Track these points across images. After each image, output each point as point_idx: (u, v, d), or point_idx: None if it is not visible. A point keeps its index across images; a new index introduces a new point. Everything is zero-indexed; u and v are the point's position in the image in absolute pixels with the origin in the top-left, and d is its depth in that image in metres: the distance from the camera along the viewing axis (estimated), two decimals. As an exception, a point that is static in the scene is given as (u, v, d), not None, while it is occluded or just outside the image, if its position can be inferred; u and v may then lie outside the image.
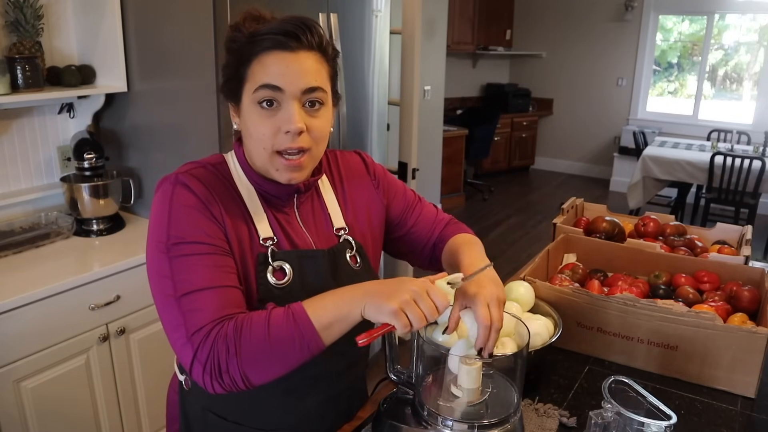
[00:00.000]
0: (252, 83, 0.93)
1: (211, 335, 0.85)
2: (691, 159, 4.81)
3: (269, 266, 0.97)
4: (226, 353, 0.84)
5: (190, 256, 0.89)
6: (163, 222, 0.91)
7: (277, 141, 0.93)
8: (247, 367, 0.85)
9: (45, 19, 2.05)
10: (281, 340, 0.85)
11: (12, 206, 2.10)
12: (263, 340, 0.84)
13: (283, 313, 0.86)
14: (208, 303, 0.87)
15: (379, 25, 2.54)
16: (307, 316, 0.85)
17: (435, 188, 5.40)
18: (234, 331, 0.85)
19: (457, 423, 0.92)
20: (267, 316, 0.87)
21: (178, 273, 0.89)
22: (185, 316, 0.87)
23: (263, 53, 0.92)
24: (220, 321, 0.87)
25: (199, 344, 0.85)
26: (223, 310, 0.88)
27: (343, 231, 1.09)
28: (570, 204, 1.97)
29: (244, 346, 0.84)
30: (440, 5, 4.86)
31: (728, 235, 1.82)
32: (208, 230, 0.92)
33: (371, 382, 1.29)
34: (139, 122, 2.21)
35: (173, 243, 0.90)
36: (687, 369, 1.27)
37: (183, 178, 0.94)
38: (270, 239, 0.98)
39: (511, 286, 1.33)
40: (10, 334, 1.63)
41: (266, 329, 0.85)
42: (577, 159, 7.46)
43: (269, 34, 0.91)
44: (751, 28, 6.34)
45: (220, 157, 1.03)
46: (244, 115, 0.96)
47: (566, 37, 7.14)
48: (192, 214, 0.92)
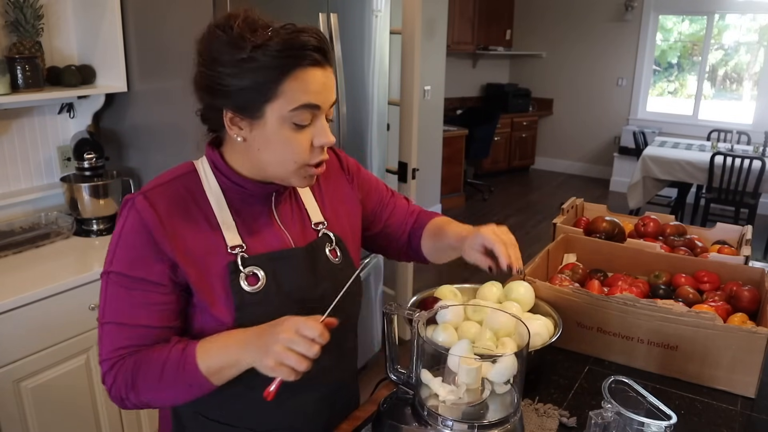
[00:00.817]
0: (288, 101, 0.88)
1: (114, 368, 0.93)
2: (691, 159, 4.81)
3: (241, 273, 0.96)
4: (125, 387, 0.93)
5: (124, 289, 0.93)
6: (112, 247, 0.94)
7: (311, 155, 0.94)
8: (145, 398, 0.94)
9: (45, 19, 2.05)
10: (172, 384, 0.92)
11: (12, 206, 2.10)
12: (156, 381, 0.92)
13: (177, 359, 0.91)
14: (120, 337, 0.93)
15: (379, 25, 2.54)
16: (196, 365, 0.90)
17: (435, 188, 5.40)
18: (132, 368, 0.92)
19: (457, 423, 0.92)
20: (164, 358, 0.92)
21: (110, 300, 0.94)
22: (102, 340, 0.95)
23: (298, 69, 0.87)
24: (121, 357, 0.94)
25: (107, 372, 0.94)
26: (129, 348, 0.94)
27: (322, 225, 1.08)
28: (570, 204, 1.97)
29: (139, 383, 0.92)
30: (440, 5, 4.86)
31: (728, 235, 1.82)
32: (150, 267, 0.92)
33: (371, 382, 1.29)
34: (139, 122, 2.21)
35: (113, 271, 0.93)
36: (687, 369, 1.27)
37: (139, 205, 0.92)
38: (238, 246, 0.97)
39: (511, 286, 1.33)
40: (10, 334, 1.63)
41: (160, 372, 0.91)
42: (577, 159, 7.46)
43: (303, 48, 0.87)
44: (751, 28, 6.34)
45: (189, 166, 1.00)
46: (267, 131, 0.90)
47: (566, 37, 7.14)
48: (137, 248, 0.92)
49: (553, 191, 6.72)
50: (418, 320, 0.98)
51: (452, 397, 0.92)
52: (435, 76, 4.95)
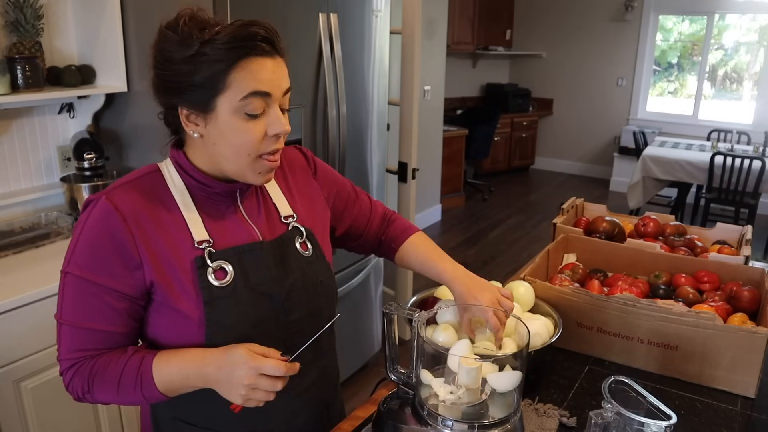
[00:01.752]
0: (237, 91, 0.89)
1: (71, 369, 0.96)
2: (691, 159, 4.81)
3: (208, 268, 0.95)
4: (82, 389, 0.95)
5: (80, 291, 0.93)
6: (71, 247, 0.94)
7: (264, 145, 0.94)
8: (102, 400, 0.97)
9: (45, 19, 2.05)
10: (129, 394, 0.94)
11: (12, 206, 2.10)
12: (112, 390, 0.94)
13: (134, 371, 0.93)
14: (76, 340, 0.95)
15: (379, 25, 2.54)
16: (152, 382, 0.93)
17: (435, 188, 5.40)
18: (89, 374, 0.94)
19: (457, 423, 0.92)
20: (121, 368, 0.93)
21: (66, 300, 0.95)
22: (60, 340, 0.97)
23: (245, 59, 0.89)
24: (82, 359, 0.96)
25: (64, 371, 0.97)
26: (84, 351, 0.96)
27: (291, 218, 1.08)
28: (570, 204, 1.97)
29: (96, 389, 0.95)
30: (440, 5, 4.86)
31: (728, 235, 1.82)
32: (108, 269, 0.92)
33: (371, 382, 1.29)
34: (139, 122, 2.21)
35: (69, 270, 0.94)
36: (687, 369, 1.27)
37: (102, 207, 0.92)
38: (206, 242, 0.97)
39: (511, 286, 1.33)
40: (10, 334, 1.63)
41: (117, 382, 0.93)
42: (577, 159, 7.46)
43: (250, 39, 0.89)
44: (751, 28, 6.34)
45: (153, 167, 1.02)
46: (219, 123, 0.92)
47: (566, 37, 7.14)
48: (95, 249, 0.92)
49: (553, 191, 6.72)
50: (418, 320, 0.98)
51: (452, 397, 0.92)
52: (435, 76, 4.95)
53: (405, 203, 3.01)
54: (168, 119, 0.99)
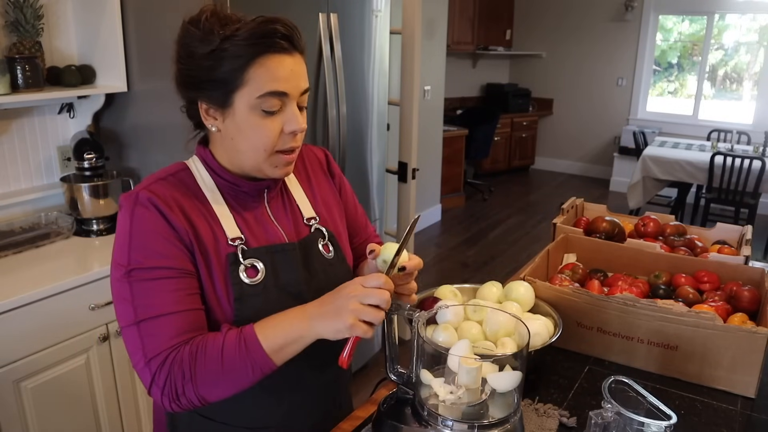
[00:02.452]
0: (254, 88, 0.90)
1: (167, 361, 0.88)
2: (691, 159, 4.80)
3: (241, 265, 0.96)
4: (182, 378, 0.88)
5: (151, 281, 0.90)
6: (124, 245, 0.91)
7: (280, 142, 0.95)
8: (203, 390, 0.89)
9: (45, 19, 2.05)
10: (234, 366, 0.89)
11: (12, 206, 2.10)
12: (217, 366, 0.88)
13: (236, 339, 0.89)
14: (165, 329, 0.89)
15: (379, 25, 2.54)
16: (258, 343, 0.89)
17: (435, 188, 5.40)
18: (189, 357, 0.88)
19: (457, 423, 0.92)
20: (221, 342, 0.89)
21: (138, 297, 0.90)
22: (143, 341, 0.89)
23: (263, 56, 0.90)
24: (176, 347, 0.89)
25: (157, 369, 0.88)
26: (181, 335, 0.90)
27: (314, 220, 1.09)
28: (570, 204, 1.97)
29: (198, 371, 0.88)
30: (440, 5, 4.86)
31: (728, 235, 1.82)
32: (170, 253, 0.91)
33: (371, 382, 1.29)
34: (139, 122, 2.21)
35: (134, 268, 0.90)
36: (687, 369, 1.27)
37: (144, 196, 0.92)
38: (238, 239, 0.98)
39: (511, 286, 1.33)
40: (10, 334, 1.63)
41: (220, 355, 0.88)
42: (577, 159, 7.46)
43: (269, 36, 0.89)
44: (751, 28, 6.34)
45: (181, 165, 1.02)
46: (237, 118, 0.93)
47: (566, 37, 7.14)
48: (153, 237, 0.91)
49: (553, 191, 6.72)
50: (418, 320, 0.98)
51: (452, 397, 0.92)
52: (435, 76, 4.95)
53: (405, 203, 3.01)
54: (190, 113, 1.01)
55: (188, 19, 0.94)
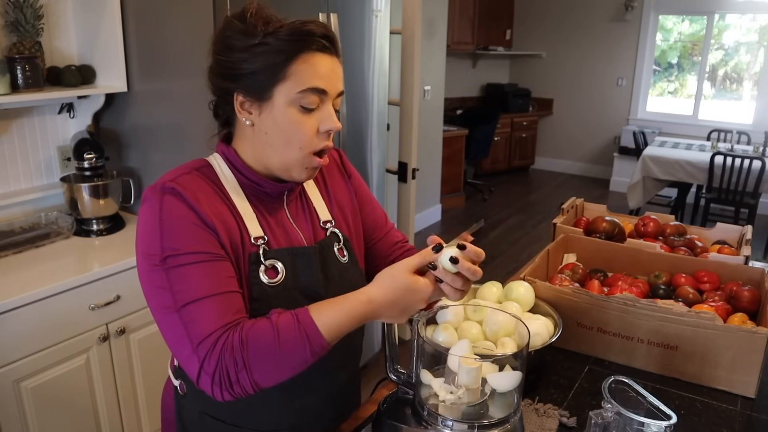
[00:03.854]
0: (296, 83, 0.91)
1: (217, 346, 0.84)
2: (691, 159, 4.80)
3: (261, 265, 0.96)
4: (235, 365, 0.84)
5: (187, 266, 0.88)
6: (155, 235, 0.89)
7: (315, 141, 0.95)
8: (258, 376, 0.85)
9: (45, 19, 2.05)
10: (291, 352, 0.86)
11: (12, 206, 2.10)
12: (273, 351, 0.85)
13: (293, 325, 0.86)
14: (209, 312, 0.86)
15: (379, 25, 2.54)
16: (317, 330, 0.86)
17: (435, 188, 5.40)
18: (240, 343, 0.85)
19: (457, 423, 0.92)
20: (275, 326, 0.86)
21: (176, 283, 0.87)
22: (187, 327, 0.86)
23: (309, 53, 0.91)
24: (225, 330, 0.86)
25: (206, 356, 0.84)
26: (225, 317, 0.87)
27: (330, 224, 1.09)
28: (570, 204, 1.97)
29: (252, 357, 0.84)
30: (440, 5, 4.86)
31: (728, 235, 1.82)
32: (202, 238, 0.90)
33: (371, 382, 1.29)
34: (139, 122, 2.21)
35: (168, 255, 0.88)
36: (687, 369, 1.27)
37: (171, 186, 0.92)
38: (261, 238, 0.97)
39: (511, 286, 1.33)
40: (10, 334, 1.63)
41: (275, 341, 0.85)
42: (577, 159, 7.46)
43: (314, 35, 0.91)
44: (751, 28, 6.34)
45: (203, 161, 1.01)
46: (275, 112, 0.93)
47: (566, 37, 7.14)
48: (184, 224, 0.90)
49: (553, 191, 6.72)
50: (418, 320, 0.98)
51: (452, 397, 0.92)
52: (435, 76, 4.95)
53: (405, 203, 3.01)
54: (219, 109, 1.01)
55: (233, 14, 0.96)
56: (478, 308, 1.15)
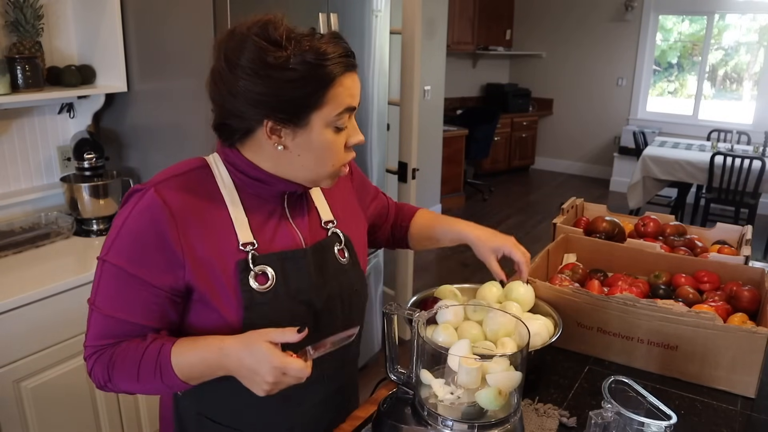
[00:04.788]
0: (334, 107, 0.90)
1: (93, 356, 0.95)
2: (691, 159, 4.80)
3: (251, 272, 0.95)
4: (103, 378, 0.95)
5: (117, 280, 0.92)
6: (112, 236, 0.93)
7: (345, 156, 0.97)
8: (123, 389, 0.96)
9: (45, 19, 2.05)
10: (149, 382, 0.93)
11: (12, 206, 2.10)
12: (134, 379, 0.93)
13: (153, 358, 0.92)
14: (102, 327, 0.94)
15: (379, 25, 2.54)
16: (171, 370, 0.91)
17: (435, 188, 5.40)
18: (109, 361, 0.94)
19: (457, 423, 0.92)
20: (141, 355, 0.92)
21: (102, 287, 0.94)
22: (89, 326, 0.96)
23: (342, 75, 0.90)
24: (103, 347, 0.95)
25: (87, 357, 0.96)
26: (111, 338, 0.95)
27: (331, 224, 1.08)
28: (570, 204, 1.97)
29: (117, 376, 0.94)
30: (440, 5, 4.86)
31: (728, 235, 1.82)
32: (149, 266, 0.91)
33: (371, 382, 1.29)
34: (139, 122, 2.21)
35: (108, 259, 0.93)
36: (687, 369, 1.27)
37: (150, 199, 0.91)
38: (250, 244, 0.95)
39: (511, 286, 1.33)
40: (10, 334, 1.63)
41: (136, 371, 0.92)
42: (577, 159, 7.46)
43: (346, 56, 0.90)
44: (751, 28, 6.34)
45: (201, 161, 0.99)
46: (312, 136, 0.91)
47: (566, 37, 7.14)
48: (136, 245, 0.90)
49: (553, 191, 6.72)
50: (418, 320, 0.98)
51: (452, 397, 0.92)
52: (435, 76, 4.95)
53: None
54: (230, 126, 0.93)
55: (259, 34, 0.87)
56: (478, 308, 1.15)
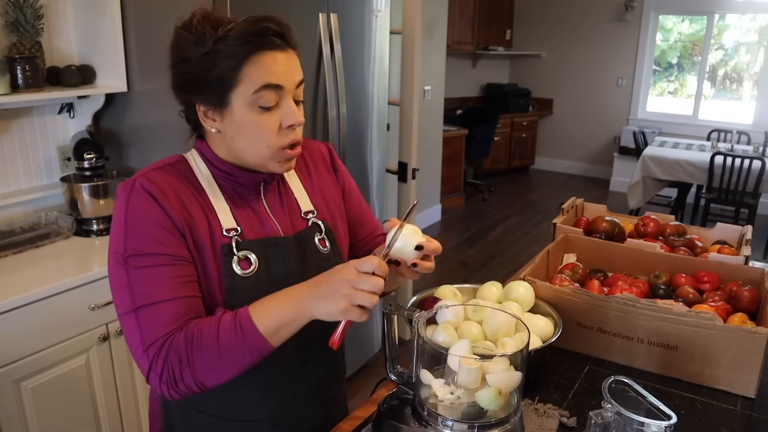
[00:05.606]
0: (249, 85, 0.91)
1: (164, 348, 0.88)
2: (691, 159, 4.81)
3: (234, 256, 0.97)
4: (179, 364, 0.88)
5: (147, 268, 0.90)
6: (120, 233, 0.92)
7: (281, 137, 0.96)
8: (200, 374, 0.89)
9: (45, 19, 2.05)
10: (230, 350, 0.88)
11: (12, 206, 2.10)
12: (213, 350, 0.88)
13: (231, 322, 0.89)
14: (162, 316, 0.90)
15: (379, 25, 2.54)
16: (253, 325, 0.88)
17: (435, 188, 5.40)
18: (185, 342, 0.88)
19: (457, 423, 0.92)
20: (216, 325, 0.89)
21: (135, 285, 0.90)
22: (141, 328, 0.90)
23: (257, 54, 0.91)
24: (172, 333, 0.89)
25: (154, 357, 0.88)
26: (177, 321, 0.90)
27: (312, 214, 1.10)
28: (570, 204, 1.97)
29: (195, 356, 0.88)
30: (440, 5, 4.86)
31: (728, 235, 1.82)
32: (165, 240, 0.92)
33: (371, 382, 1.29)
34: (139, 122, 2.21)
35: (130, 255, 0.90)
36: (687, 369, 1.27)
37: (140, 184, 0.93)
38: (233, 230, 0.98)
39: (511, 286, 1.33)
40: (10, 334, 1.63)
41: (215, 339, 0.88)
42: (577, 159, 7.46)
43: (261, 34, 0.91)
44: (751, 28, 6.34)
45: (179, 157, 1.03)
46: (235, 117, 0.94)
47: (566, 37, 7.14)
48: (148, 225, 0.91)
49: (553, 191, 6.72)
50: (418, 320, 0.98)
51: (452, 397, 0.92)
52: (435, 76, 4.95)
53: (405, 203, 3.01)
54: (188, 117, 1.02)
55: (180, 24, 0.95)
56: (478, 308, 1.15)
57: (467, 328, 1.10)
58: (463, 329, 1.10)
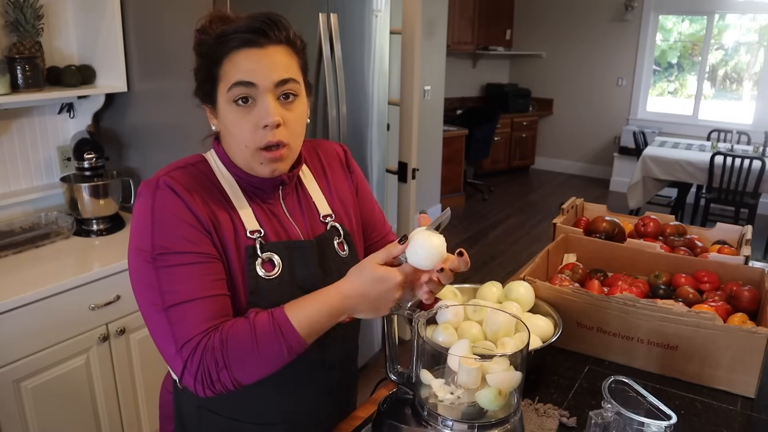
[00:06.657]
0: (225, 82, 0.93)
1: (199, 348, 0.87)
2: (691, 159, 4.80)
3: (258, 258, 0.97)
4: (215, 365, 0.87)
5: (176, 267, 0.89)
6: (146, 230, 0.91)
7: (257, 137, 0.94)
8: (238, 374, 0.89)
9: (45, 19, 2.05)
10: (269, 350, 0.88)
11: (12, 206, 2.10)
12: (251, 350, 0.88)
13: (268, 323, 0.89)
14: (195, 314, 0.89)
15: (379, 25, 2.54)
16: (292, 326, 0.88)
17: (435, 188, 5.40)
18: (221, 343, 0.88)
19: (457, 423, 0.92)
20: (252, 325, 0.89)
21: (165, 284, 0.89)
22: (173, 327, 0.88)
23: (233, 52, 0.92)
24: (207, 332, 0.88)
25: (189, 357, 0.87)
26: (210, 320, 0.89)
27: (330, 218, 1.09)
28: (570, 204, 1.97)
29: (231, 357, 0.87)
30: (440, 5, 4.86)
31: (728, 235, 1.82)
32: (193, 238, 0.91)
33: (371, 382, 1.29)
34: (139, 122, 2.21)
35: (158, 253, 0.90)
36: (687, 369, 1.27)
37: (165, 181, 0.93)
38: (257, 231, 0.99)
39: (511, 286, 1.33)
40: (10, 334, 1.63)
41: (253, 340, 0.88)
42: (577, 159, 7.46)
43: (237, 32, 0.92)
44: (751, 28, 6.34)
45: (199, 157, 1.03)
46: (221, 115, 0.96)
47: (566, 37, 7.13)
48: (175, 222, 0.91)
49: (553, 191, 6.72)
50: (418, 320, 0.98)
51: (452, 397, 0.92)
52: (435, 76, 4.95)
53: (405, 203, 3.01)
54: None
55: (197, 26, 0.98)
56: (478, 308, 1.15)
57: (467, 328, 1.10)
58: (463, 329, 1.10)
